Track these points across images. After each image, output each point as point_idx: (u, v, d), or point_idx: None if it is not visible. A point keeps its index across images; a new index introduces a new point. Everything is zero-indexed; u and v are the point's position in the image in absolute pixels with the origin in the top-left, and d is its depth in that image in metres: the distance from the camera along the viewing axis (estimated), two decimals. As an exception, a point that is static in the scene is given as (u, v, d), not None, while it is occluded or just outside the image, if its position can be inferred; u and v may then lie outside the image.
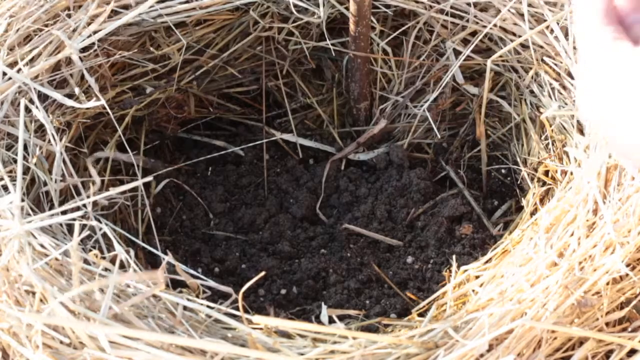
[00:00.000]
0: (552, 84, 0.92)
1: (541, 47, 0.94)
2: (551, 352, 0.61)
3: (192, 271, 0.67)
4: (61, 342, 0.57)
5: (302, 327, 0.59)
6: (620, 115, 0.60)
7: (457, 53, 0.99)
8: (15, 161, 0.74)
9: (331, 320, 0.71)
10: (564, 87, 0.90)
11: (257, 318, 0.59)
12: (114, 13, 0.89)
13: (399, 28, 1.02)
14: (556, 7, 0.94)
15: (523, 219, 0.88)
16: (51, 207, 0.75)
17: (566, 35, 0.91)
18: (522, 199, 0.94)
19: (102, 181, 0.85)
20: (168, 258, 0.65)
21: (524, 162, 0.95)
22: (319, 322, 0.81)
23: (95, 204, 0.75)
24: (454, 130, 1.03)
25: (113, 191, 0.66)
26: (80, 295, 0.59)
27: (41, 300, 0.59)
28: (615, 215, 0.67)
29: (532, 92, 0.95)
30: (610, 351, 0.63)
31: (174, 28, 0.93)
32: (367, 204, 0.97)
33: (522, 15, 0.95)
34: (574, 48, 0.90)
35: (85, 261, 0.63)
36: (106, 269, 0.63)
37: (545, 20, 0.93)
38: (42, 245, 0.63)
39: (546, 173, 0.88)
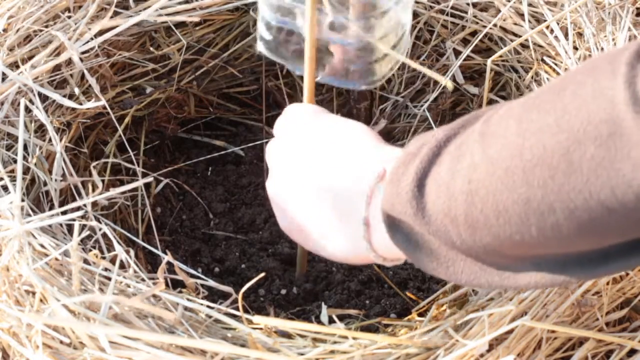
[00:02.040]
0: (552, 84, 0.91)
1: (541, 47, 0.94)
2: (551, 352, 0.61)
3: (192, 271, 0.67)
4: (61, 342, 0.57)
5: (302, 327, 0.59)
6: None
7: (457, 53, 0.99)
8: (15, 161, 0.74)
9: (331, 320, 0.71)
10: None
11: (257, 318, 0.59)
12: (115, 14, 0.89)
13: (399, 28, 1.02)
14: (556, 7, 0.94)
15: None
16: (51, 207, 0.75)
17: (566, 35, 0.91)
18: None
19: (102, 181, 0.85)
20: (168, 258, 0.65)
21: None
22: (319, 322, 0.81)
23: (95, 203, 0.75)
24: (454, 130, 1.03)
25: (113, 192, 0.66)
26: (81, 295, 0.59)
27: (41, 300, 0.59)
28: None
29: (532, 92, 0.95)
30: (611, 351, 0.63)
31: (174, 28, 0.93)
32: (367, 204, 0.97)
33: (522, 15, 0.95)
34: (574, 48, 0.90)
35: (85, 261, 0.63)
36: (106, 269, 0.63)
37: (545, 20, 0.93)
38: (42, 245, 0.63)
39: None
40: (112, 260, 0.62)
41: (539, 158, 0.45)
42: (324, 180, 0.61)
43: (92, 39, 0.85)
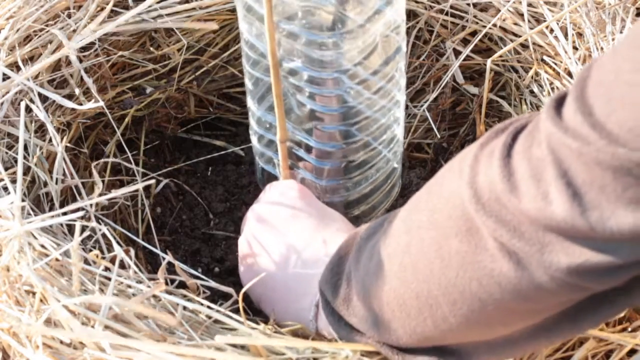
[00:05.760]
0: (552, 84, 0.92)
1: (541, 47, 0.94)
2: (551, 352, 0.62)
3: (192, 271, 0.67)
4: (61, 342, 0.57)
5: (295, 343, 0.58)
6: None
7: (457, 53, 0.99)
8: (16, 161, 0.74)
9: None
10: (564, 87, 0.90)
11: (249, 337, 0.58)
12: (114, 13, 0.89)
13: (399, 28, 1.02)
14: (556, 7, 0.94)
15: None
16: (51, 208, 0.75)
17: (566, 35, 0.91)
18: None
19: (103, 181, 0.85)
20: (169, 258, 0.65)
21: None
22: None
23: (95, 203, 0.75)
24: (454, 130, 1.03)
25: (115, 193, 0.66)
26: (81, 295, 0.59)
27: (41, 301, 0.59)
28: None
29: (532, 92, 0.95)
30: (611, 351, 0.63)
31: (174, 28, 0.93)
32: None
33: (522, 15, 0.95)
34: (574, 48, 0.90)
35: (86, 261, 0.63)
36: (107, 269, 0.63)
37: (545, 20, 0.93)
38: (42, 246, 0.63)
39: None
40: (112, 261, 0.62)
41: (420, 254, 0.48)
42: (294, 257, 0.67)
43: (90, 33, 0.85)
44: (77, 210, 0.69)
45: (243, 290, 0.61)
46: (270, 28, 0.63)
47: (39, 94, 0.78)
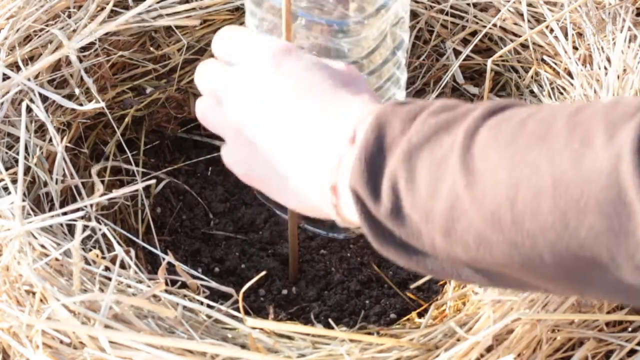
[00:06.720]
0: (552, 84, 0.92)
1: (541, 47, 0.94)
2: (551, 352, 0.61)
3: (193, 271, 0.67)
4: (61, 342, 0.57)
5: (299, 329, 0.59)
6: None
7: (457, 53, 0.99)
8: (16, 161, 0.74)
9: (327, 324, 0.71)
10: (564, 87, 0.90)
11: (251, 321, 0.58)
12: (114, 13, 0.89)
13: (399, 28, 1.02)
14: (556, 7, 0.94)
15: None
16: (51, 208, 0.75)
17: (566, 35, 0.91)
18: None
19: (102, 181, 0.85)
20: (168, 258, 0.65)
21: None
22: (319, 321, 0.81)
23: (95, 204, 0.75)
24: (454, 130, 1.03)
25: (115, 193, 0.66)
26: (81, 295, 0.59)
27: (41, 301, 0.59)
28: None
29: (532, 92, 0.95)
30: (611, 351, 0.63)
31: (174, 28, 0.93)
32: (367, 204, 0.97)
33: (522, 15, 0.95)
34: (574, 48, 0.90)
35: (86, 261, 0.63)
36: (107, 269, 0.63)
37: (545, 20, 0.93)
38: (42, 246, 0.63)
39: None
40: (112, 261, 0.62)
41: (532, 214, 0.44)
42: (293, 131, 0.57)
43: (89, 34, 0.85)
44: (77, 210, 0.69)
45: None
46: (288, 18, 0.63)
47: (39, 94, 0.78)
